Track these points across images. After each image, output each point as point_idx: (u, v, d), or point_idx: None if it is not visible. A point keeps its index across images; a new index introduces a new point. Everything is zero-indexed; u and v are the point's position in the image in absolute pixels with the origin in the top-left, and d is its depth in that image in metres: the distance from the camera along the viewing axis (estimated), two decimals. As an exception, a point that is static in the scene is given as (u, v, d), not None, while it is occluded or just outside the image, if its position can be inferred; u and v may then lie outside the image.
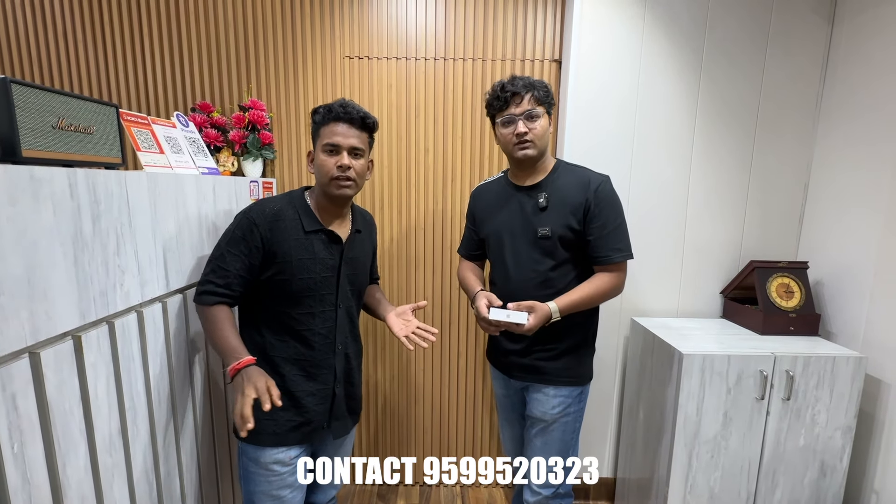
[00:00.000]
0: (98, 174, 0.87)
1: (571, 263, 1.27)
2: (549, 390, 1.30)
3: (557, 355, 1.29)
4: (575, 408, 1.32)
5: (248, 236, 1.08)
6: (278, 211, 1.11)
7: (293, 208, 1.13)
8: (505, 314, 1.18)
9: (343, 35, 1.78)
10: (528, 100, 1.22)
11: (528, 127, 1.22)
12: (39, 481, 0.75)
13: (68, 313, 0.80)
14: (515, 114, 1.22)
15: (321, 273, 1.13)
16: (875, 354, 1.49)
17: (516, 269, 1.29)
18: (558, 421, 1.30)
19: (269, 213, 1.10)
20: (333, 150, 1.11)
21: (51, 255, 0.76)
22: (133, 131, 1.14)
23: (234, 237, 1.09)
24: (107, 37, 1.77)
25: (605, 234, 1.24)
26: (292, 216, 1.12)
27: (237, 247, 1.08)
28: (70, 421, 0.81)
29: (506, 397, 1.46)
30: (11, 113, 0.76)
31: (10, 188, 0.69)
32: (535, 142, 1.23)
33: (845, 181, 1.62)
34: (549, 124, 1.27)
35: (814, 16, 1.69)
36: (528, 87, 1.22)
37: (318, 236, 1.14)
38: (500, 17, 1.78)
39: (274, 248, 1.09)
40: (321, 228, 1.14)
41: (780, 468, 1.50)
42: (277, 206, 1.12)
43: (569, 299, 1.22)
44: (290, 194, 1.18)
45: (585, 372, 1.35)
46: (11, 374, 0.69)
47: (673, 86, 1.73)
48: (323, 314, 1.15)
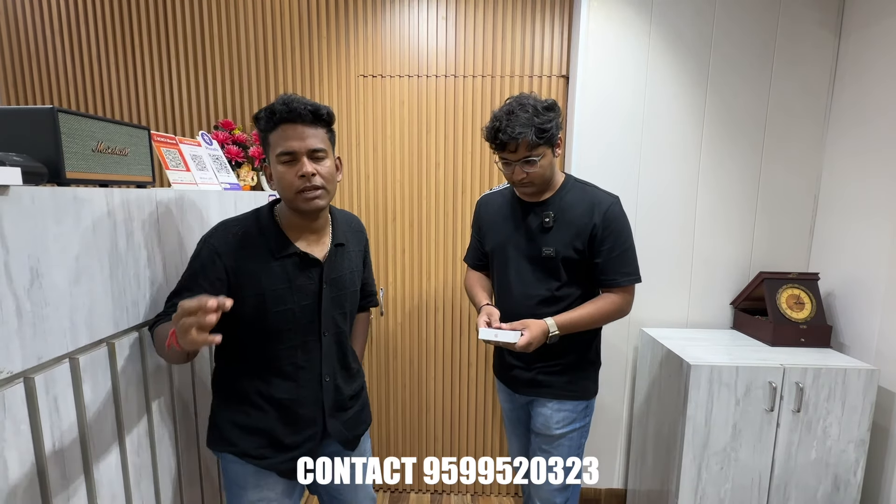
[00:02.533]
0: (131, 193, 0.94)
1: (576, 284, 1.26)
2: (553, 405, 1.29)
3: (561, 370, 1.28)
4: (580, 423, 1.30)
5: (208, 268, 0.94)
6: (243, 235, 0.97)
7: (259, 230, 0.99)
8: (493, 333, 1.15)
9: (357, 54, 1.86)
10: (524, 146, 1.14)
11: (525, 171, 1.18)
12: (76, 479, 0.81)
13: (104, 322, 0.87)
14: (511, 160, 1.19)
15: (300, 302, 1.00)
16: (888, 367, 1.47)
17: (519, 286, 1.28)
18: (564, 437, 1.29)
19: (233, 238, 0.96)
20: (290, 159, 0.94)
21: (89, 268, 0.83)
22: (162, 151, 1.22)
23: (193, 271, 0.95)
24: (136, 61, 1.88)
25: (612, 257, 1.22)
26: (260, 240, 0.98)
27: (195, 281, 0.93)
28: (103, 422, 0.87)
29: (512, 411, 1.45)
30: (58, 139, 0.83)
31: (57, 208, 0.76)
32: (534, 182, 1.20)
33: (856, 192, 1.63)
34: (555, 154, 1.21)
35: (820, 28, 1.71)
36: (525, 129, 1.12)
37: (292, 260, 0.99)
38: (509, 34, 1.84)
39: (241, 279, 0.95)
40: (294, 252, 0.99)
41: (791, 481, 1.49)
42: (242, 228, 0.98)
43: (569, 316, 1.20)
44: (257, 212, 1.02)
45: (590, 387, 1.33)
46: (54, 377, 0.76)
47: (679, 99, 1.76)
48: (305, 346, 1.03)
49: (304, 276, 1.01)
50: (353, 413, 1.16)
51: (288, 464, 1.05)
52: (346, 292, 1.09)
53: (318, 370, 1.05)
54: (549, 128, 1.15)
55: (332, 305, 1.06)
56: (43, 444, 0.74)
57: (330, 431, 1.09)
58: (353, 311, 1.15)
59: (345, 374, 1.13)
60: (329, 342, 1.07)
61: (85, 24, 1.86)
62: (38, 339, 0.73)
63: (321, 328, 1.04)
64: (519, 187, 1.25)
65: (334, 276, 1.06)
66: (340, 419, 1.12)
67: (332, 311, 1.06)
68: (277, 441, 1.03)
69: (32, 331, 0.72)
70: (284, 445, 1.04)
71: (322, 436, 1.09)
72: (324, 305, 1.03)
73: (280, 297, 0.98)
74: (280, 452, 1.04)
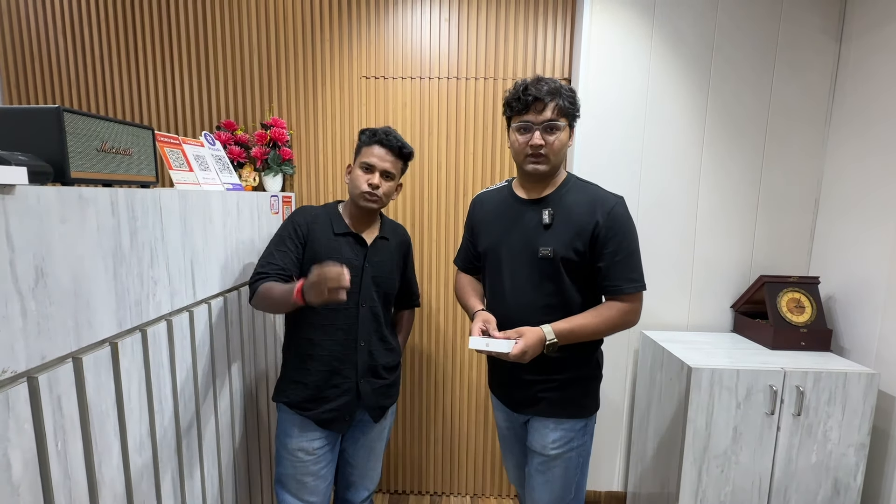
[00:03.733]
0: (136, 193, 0.94)
1: (576, 290, 1.15)
2: (550, 423, 1.19)
3: (559, 386, 1.18)
4: (578, 442, 1.20)
5: (292, 235, 1.27)
6: (316, 215, 1.32)
7: (327, 215, 1.33)
8: (484, 343, 1.08)
9: (360, 56, 1.87)
10: (551, 108, 1.08)
11: (545, 139, 1.09)
12: (78, 477, 0.81)
13: (107, 321, 0.87)
14: (533, 122, 1.09)
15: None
16: (889, 371, 1.48)
17: (513, 291, 1.17)
18: (561, 457, 1.19)
19: (309, 216, 1.31)
20: (368, 169, 1.27)
21: (94, 268, 0.83)
22: (166, 151, 1.22)
23: (280, 237, 1.28)
24: (140, 62, 1.89)
25: (616, 261, 1.11)
26: (326, 221, 1.31)
27: (283, 244, 1.26)
28: (106, 422, 0.87)
29: (508, 429, 1.34)
30: (63, 138, 0.84)
31: (61, 207, 0.77)
32: (549, 157, 1.11)
33: (857, 196, 1.63)
34: (570, 138, 1.14)
35: (821, 33, 1.71)
36: (554, 93, 1.08)
37: (346, 239, 1.30)
38: (511, 37, 1.84)
39: (310, 244, 1.28)
40: (349, 232, 1.31)
41: (792, 484, 1.49)
42: (316, 211, 1.33)
43: (568, 324, 1.11)
44: (327, 205, 1.38)
45: (590, 403, 1.23)
46: (58, 377, 0.76)
47: (681, 102, 1.77)
48: (346, 311, 1.28)
49: (353, 252, 1.30)
50: (385, 384, 1.36)
51: (327, 414, 1.28)
52: (382, 276, 1.34)
53: (354, 334, 1.30)
54: (574, 102, 1.12)
55: (371, 282, 1.31)
56: (46, 444, 0.74)
57: (361, 392, 1.31)
58: (389, 296, 1.38)
59: (381, 344, 1.35)
60: (366, 313, 1.31)
61: (89, 24, 1.87)
62: (42, 338, 0.73)
63: (360, 298, 1.30)
64: (531, 162, 1.12)
65: (375, 259, 1.33)
66: (372, 385, 1.33)
67: (371, 286, 1.32)
68: (319, 393, 1.28)
69: (37, 330, 0.72)
70: (323, 397, 1.28)
71: (357, 394, 1.30)
72: (364, 280, 1.30)
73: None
74: (320, 404, 1.28)
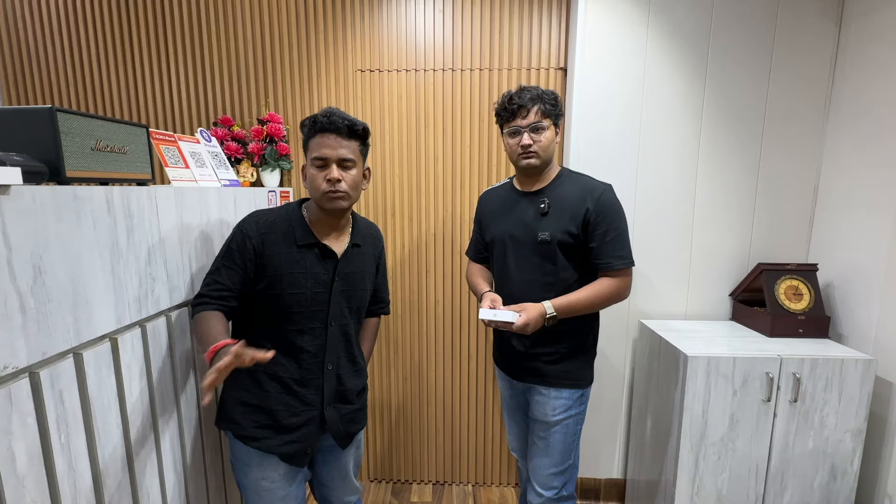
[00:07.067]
0: (131, 191, 0.95)
1: (573, 269, 1.31)
2: (551, 392, 1.34)
3: (559, 359, 1.34)
4: (576, 410, 1.36)
5: (241, 249, 1.07)
6: (272, 223, 1.10)
7: (287, 221, 1.11)
8: (492, 313, 1.22)
9: (355, 49, 1.86)
10: (534, 112, 1.26)
11: (532, 139, 1.27)
12: (82, 469, 0.83)
13: (106, 317, 0.89)
14: (521, 126, 1.27)
15: (312, 288, 1.10)
16: (886, 357, 1.48)
17: (518, 272, 1.34)
18: (560, 423, 1.34)
19: (263, 224, 1.09)
20: (323, 164, 1.07)
21: (91, 265, 0.85)
22: (161, 148, 1.23)
23: (228, 250, 1.09)
24: (135, 59, 1.89)
25: (606, 241, 1.27)
26: (286, 229, 1.10)
27: (231, 260, 1.07)
28: (108, 415, 0.89)
29: (511, 398, 1.51)
30: (57, 138, 0.85)
31: (57, 206, 0.78)
32: (538, 153, 1.28)
33: (855, 183, 1.62)
34: (556, 135, 1.31)
35: (821, 17, 1.69)
36: (536, 99, 1.26)
37: (312, 250, 1.11)
38: (506, 28, 1.83)
39: (265, 260, 1.07)
40: (314, 242, 1.11)
41: (788, 471, 1.50)
42: (272, 217, 1.11)
43: (566, 300, 1.26)
44: (287, 206, 1.15)
45: (586, 375, 1.38)
46: (59, 372, 0.78)
47: (678, 90, 1.75)
48: (313, 331, 1.11)
49: (321, 266, 1.12)
50: (353, 410, 1.22)
51: (287, 447, 1.12)
52: (355, 289, 1.18)
53: (321, 356, 1.14)
54: (556, 104, 1.29)
55: (341, 298, 1.15)
56: (49, 437, 0.76)
57: (327, 419, 1.15)
58: (361, 310, 1.23)
59: (350, 367, 1.20)
60: (335, 332, 1.15)
61: (83, 23, 1.87)
62: (42, 334, 0.75)
63: (329, 317, 1.13)
64: (524, 159, 1.29)
65: (347, 272, 1.16)
66: (339, 411, 1.18)
67: (341, 302, 1.15)
68: (276, 421, 1.11)
69: (36, 327, 0.74)
70: (283, 427, 1.11)
71: (320, 422, 1.15)
72: (333, 296, 1.13)
73: (295, 281, 1.09)
74: (279, 434, 1.11)
